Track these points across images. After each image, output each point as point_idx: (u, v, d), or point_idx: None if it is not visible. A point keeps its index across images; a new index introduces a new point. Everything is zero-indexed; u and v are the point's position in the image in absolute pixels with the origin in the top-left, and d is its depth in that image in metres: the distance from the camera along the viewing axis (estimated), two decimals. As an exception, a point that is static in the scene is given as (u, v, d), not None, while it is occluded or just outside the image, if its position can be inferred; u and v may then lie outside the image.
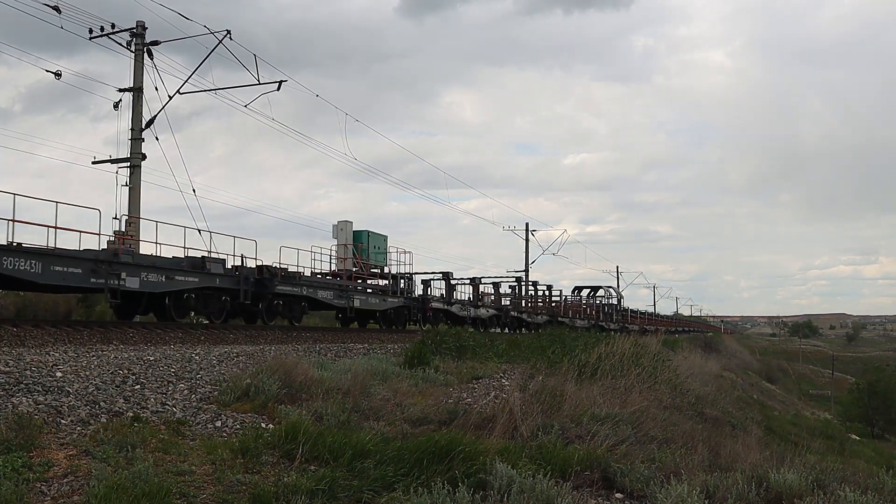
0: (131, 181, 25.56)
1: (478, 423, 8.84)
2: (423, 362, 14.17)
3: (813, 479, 7.08)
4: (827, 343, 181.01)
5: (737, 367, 73.99)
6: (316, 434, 6.96)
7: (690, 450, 8.81)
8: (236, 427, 7.82)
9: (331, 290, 27.80)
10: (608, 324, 65.14)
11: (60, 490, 5.41)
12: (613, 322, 68.25)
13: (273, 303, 24.79)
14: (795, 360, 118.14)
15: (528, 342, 23.31)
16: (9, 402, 7.47)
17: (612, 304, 72.44)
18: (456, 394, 11.64)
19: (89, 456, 6.12)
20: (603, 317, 66.41)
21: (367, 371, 11.86)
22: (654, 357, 19.88)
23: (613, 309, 71.93)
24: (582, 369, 14.65)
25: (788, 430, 35.34)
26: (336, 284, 28.87)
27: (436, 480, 6.03)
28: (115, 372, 9.96)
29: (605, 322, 64.89)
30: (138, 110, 25.80)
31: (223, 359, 12.76)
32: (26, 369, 9.31)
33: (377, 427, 8.11)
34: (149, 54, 25.69)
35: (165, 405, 8.37)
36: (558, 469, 6.97)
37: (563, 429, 8.82)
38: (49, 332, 15.16)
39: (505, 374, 14.32)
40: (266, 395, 9.02)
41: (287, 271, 25.22)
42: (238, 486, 5.84)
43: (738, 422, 21.73)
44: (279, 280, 24.41)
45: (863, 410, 60.81)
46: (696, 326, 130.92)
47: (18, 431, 6.25)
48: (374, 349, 18.63)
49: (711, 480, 6.91)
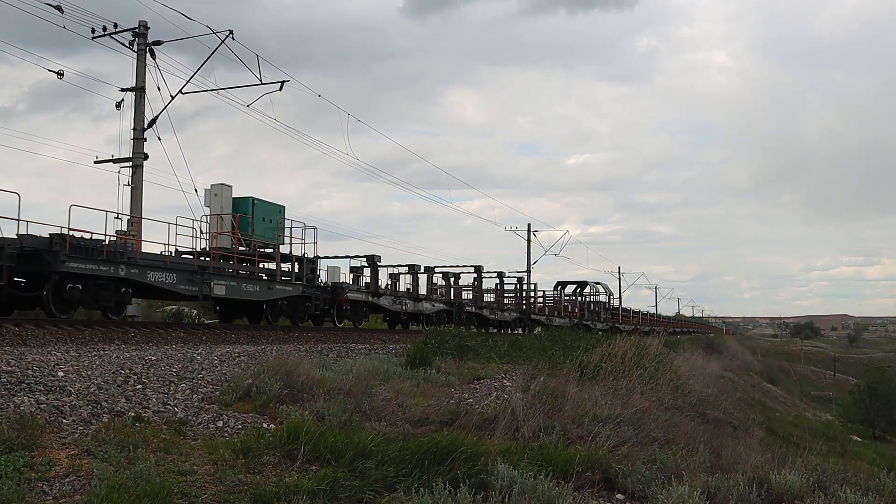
0: (133, 181, 25.57)
1: (479, 423, 8.84)
2: (425, 362, 14.19)
3: (814, 481, 7.08)
4: (828, 344, 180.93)
5: (738, 368, 73.90)
6: (317, 434, 6.96)
7: (692, 451, 8.80)
8: (238, 427, 7.82)
9: (173, 273, 20.10)
10: (595, 323, 60.66)
11: (62, 489, 5.41)
12: (601, 321, 63.64)
13: (65, 287, 17.11)
14: (797, 362, 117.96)
15: (530, 343, 23.30)
16: (11, 401, 7.47)
17: (599, 301, 66.64)
18: (457, 394, 11.64)
19: (91, 455, 6.13)
20: (588, 315, 61.29)
21: (369, 371, 11.87)
22: (656, 358, 19.85)
23: (602, 307, 66.44)
24: (583, 370, 14.65)
25: (790, 431, 35.28)
26: (182, 265, 21.17)
27: (437, 481, 6.04)
28: (116, 372, 9.97)
29: (591, 321, 60.15)
30: (140, 110, 25.80)
31: (225, 359, 12.77)
32: (28, 369, 9.32)
33: (379, 427, 8.11)
34: (151, 54, 25.70)
35: (167, 405, 8.38)
36: (560, 470, 6.97)
37: (565, 430, 8.82)
38: (51, 332, 15.16)
39: (506, 375, 14.32)
40: (268, 396, 9.03)
41: (89, 241, 17.67)
42: (239, 486, 5.85)
43: (740, 423, 21.70)
44: (72, 254, 16.99)
45: (864, 412, 60.70)
46: (698, 327, 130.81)
47: (20, 431, 6.25)
48: (375, 350, 18.65)
49: (713, 481, 6.90)
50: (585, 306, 62.07)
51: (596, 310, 64.06)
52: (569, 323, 53.73)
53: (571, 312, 58.77)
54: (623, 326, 66.77)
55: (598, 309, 64.52)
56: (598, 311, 64.32)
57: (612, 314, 68.88)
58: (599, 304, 65.98)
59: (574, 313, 58.89)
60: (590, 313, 61.86)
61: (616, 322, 67.82)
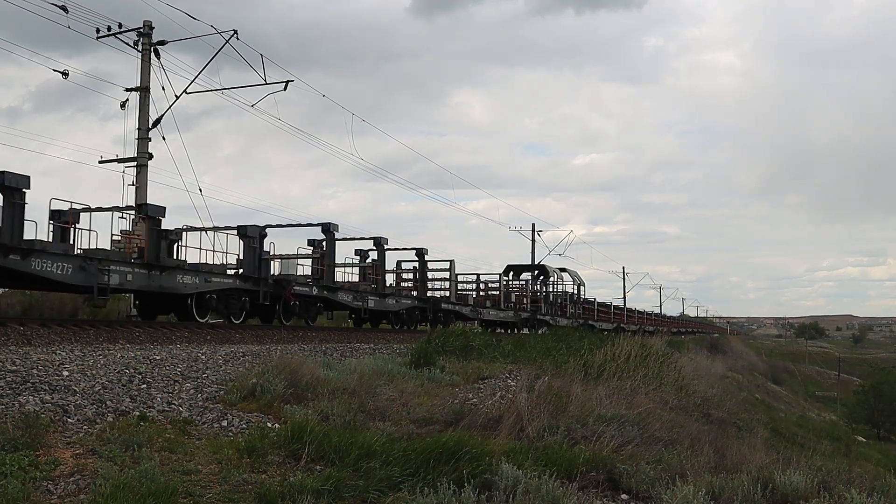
0: (138, 181, 25.63)
1: (484, 423, 8.84)
2: (429, 362, 14.17)
3: (819, 481, 7.07)
4: (833, 345, 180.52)
5: (742, 369, 73.92)
6: (322, 434, 6.97)
7: (696, 451, 8.79)
8: (242, 426, 7.83)
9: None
10: (556, 318, 49.87)
11: (67, 489, 5.42)
12: (566, 316, 52.93)
13: None
14: (801, 362, 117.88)
15: (535, 343, 23.29)
16: (15, 400, 7.49)
17: (564, 292, 55.55)
18: (462, 394, 11.63)
19: (95, 455, 6.14)
20: (546, 308, 49.51)
21: (373, 371, 11.87)
22: (660, 358, 19.86)
23: (568, 298, 55.39)
24: (588, 370, 14.65)
25: (794, 431, 35.25)
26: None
27: (442, 481, 6.03)
28: (121, 371, 9.98)
29: (550, 315, 49.45)
30: (145, 110, 25.86)
31: (229, 358, 12.78)
32: (33, 368, 9.34)
33: (383, 427, 8.11)
34: (156, 54, 25.76)
35: (172, 404, 8.39)
36: (564, 470, 6.96)
37: (569, 430, 8.81)
38: (56, 331, 15.20)
39: (511, 375, 14.31)
40: (272, 395, 9.03)
41: None
42: (244, 485, 5.85)
43: (744, 423, 21.71)
44: None
45: (868, 412, 60.67)
46: (702, 327, 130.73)
47: (25, 430, 6.26)
48: (379, 349, 18.66)
49: (717, 482, 6.89)
50: (543, 297, 49.88)
51: (558, 302, 53.26)
52: (512, 317, 43.90)
53: (519, 304, 46.77)
54: (600, 324, 59.05)
55: (561, 301, 53.73)
56: (561, 303, 53.62)
57: (583, 308, 58.99)
58: (564, 295, 55.22)
59: (523, 305, 47.02)
60: (548, 305, 50.48)
61: (590, 318, 59.31)
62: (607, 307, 70.19)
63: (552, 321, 48.18)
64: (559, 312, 52.00)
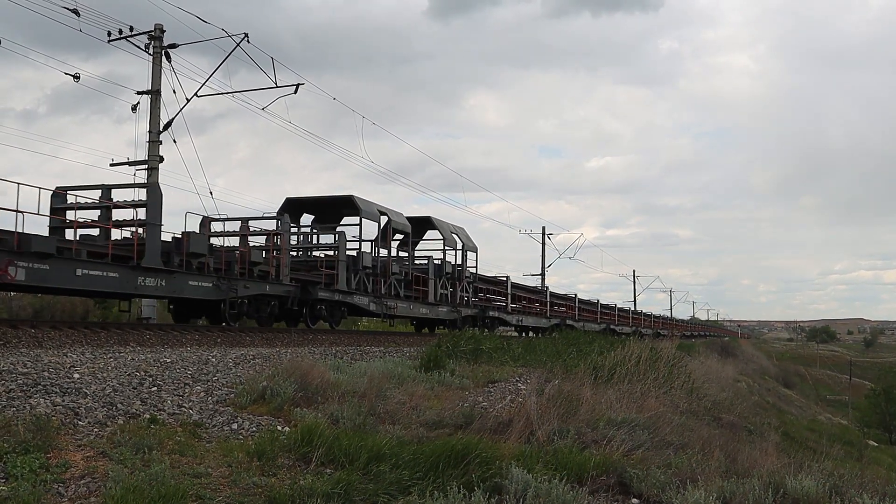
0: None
1: (494, 427, 8.82)
2: (439, 365, 14.18)
3: (830, 486, 7.01)
4: (845, 348, 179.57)
5: (754, 372, 73.52)
6: (332, 437, 6.97)
7: (707, 455, 8.75)
8: (252, 429, 7.84)
9: None
10: (383, 300, 26.91)
11: (77, 491, 5.43)
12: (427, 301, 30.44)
13: None
14: (813, 366, 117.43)
15: (546, 346, 23.23)
16: (27, 403, 7.52)
17: (432, 265, 31.49)
18: (472, 397, 11.63)
19: (106, 457, 6.15)
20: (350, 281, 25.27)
21: (383, 374, 11.87)
22: (670, 362, 19.79)
23: (434, 271, 31.34)
24: (598, 373, 14.61)
25: (805, 435, 35.05)
26: None
27: (451, 484, 6.03)
28: (132, 374, 10.01)
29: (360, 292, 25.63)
30: (156, 113, 25.91)
31: (239, 361, 12.81)
32: (44, 370, 9.37)
33: (393, 430, 8.11)
34: (167, 57, 25.80)
35: (182, 407, 8.40)
36: (574, 474, 6.94)
37: (580, 433, 8.78)
38: (67, 334, 15.24)
39: (521, 378, 14.29)
40: (282, 398, 9.04)
41: None
42: (254, 488, 5.86)
43: (755, 427, 21.61)
44: None
45: (880, 416, 60.36)
46: (713, 331, 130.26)
47: (36, 432, 6.28)
48: (389, 352, 18.66)
49: (728, 486, 6.85)
50: (362, 268, 25.97)
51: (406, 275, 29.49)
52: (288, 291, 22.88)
53: None
54: (510, 318, 39.36)
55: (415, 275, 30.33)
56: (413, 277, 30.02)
57: (475, 289, 35.67)
58: (424, 267, 31.50)
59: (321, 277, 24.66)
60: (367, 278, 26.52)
61: (504, 312, 38.97)
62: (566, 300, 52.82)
63: (388, 305, 27.48)
64: (395, 292, 28.37)
